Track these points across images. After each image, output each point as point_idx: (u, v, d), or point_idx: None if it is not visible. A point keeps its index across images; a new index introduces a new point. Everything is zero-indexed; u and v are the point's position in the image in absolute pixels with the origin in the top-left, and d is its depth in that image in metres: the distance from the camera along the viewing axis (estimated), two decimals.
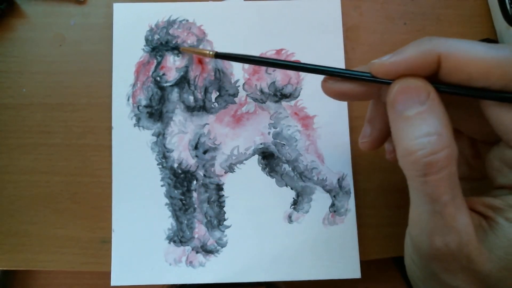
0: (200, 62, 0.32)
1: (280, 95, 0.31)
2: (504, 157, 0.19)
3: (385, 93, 0.20)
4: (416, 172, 0.17)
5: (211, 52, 0.27)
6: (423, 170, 0.16)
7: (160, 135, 0.31)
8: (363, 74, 0.20)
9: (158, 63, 0.32)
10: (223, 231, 0.30)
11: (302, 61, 0.32)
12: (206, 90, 0.31)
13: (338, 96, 0.21)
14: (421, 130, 0.17)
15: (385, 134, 0.23)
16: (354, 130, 0.31)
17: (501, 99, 0.17)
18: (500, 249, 0.17)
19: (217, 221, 0.30)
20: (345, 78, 0.21)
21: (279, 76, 0.32)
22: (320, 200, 0.31)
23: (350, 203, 0.30)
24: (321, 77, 0.21)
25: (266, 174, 0.31)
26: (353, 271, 0.29)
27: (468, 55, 0.17)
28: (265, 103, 0.31)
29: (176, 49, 0.32)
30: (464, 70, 0.17)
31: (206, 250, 0.30)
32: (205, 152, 0.31)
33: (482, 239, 0.17)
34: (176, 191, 0.31)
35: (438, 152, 0.16)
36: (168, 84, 0.31)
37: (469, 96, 0.18)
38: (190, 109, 0.31)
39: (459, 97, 0.18)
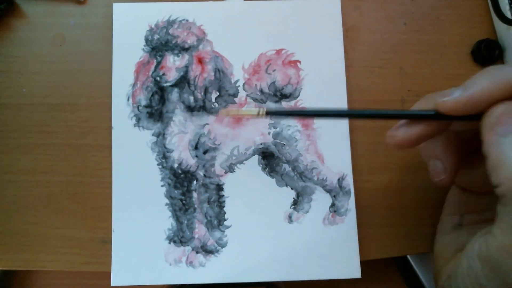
0: (200, 62, 0.32)
1: (280, 95, 0.31)
2: None
3: (458, 123, 0.20)
4: None
5: (261, 112, 0.24)
6: None
7: (160, 135, 0.31)
8: (429, 113, 0.19)
9: (158, 63, 0.32)
10: (223, 231, 0.30)
11: (302, 60, 0.32)
12: (206, 90, 0.31)
13: (409, 142, 0.20)
14: None
15: (459, 164, 0.22)
16: (354, 130, 0.31)
17: None
18: None
19: (217, 221, 0.30)
20: (413, 120, 0.20)
21: (279, 76, 0.32)
22: (320, 200, 0.31)
23: (350, 203, 0.30)
24: (319, 77, 0.21)
25: (266, 174, 0.31)
26: (353, 271, 0.29)
27: None
28: (265, 103, 0.31)
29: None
30: None
31: (206, 250, 0.30)
32: (205, 152, 0.31)
33: None
34: (176, 191, 0.31)
35: None
36: (168, 84, 0.31)
37: None
38: (190, 109, 0.31)
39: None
